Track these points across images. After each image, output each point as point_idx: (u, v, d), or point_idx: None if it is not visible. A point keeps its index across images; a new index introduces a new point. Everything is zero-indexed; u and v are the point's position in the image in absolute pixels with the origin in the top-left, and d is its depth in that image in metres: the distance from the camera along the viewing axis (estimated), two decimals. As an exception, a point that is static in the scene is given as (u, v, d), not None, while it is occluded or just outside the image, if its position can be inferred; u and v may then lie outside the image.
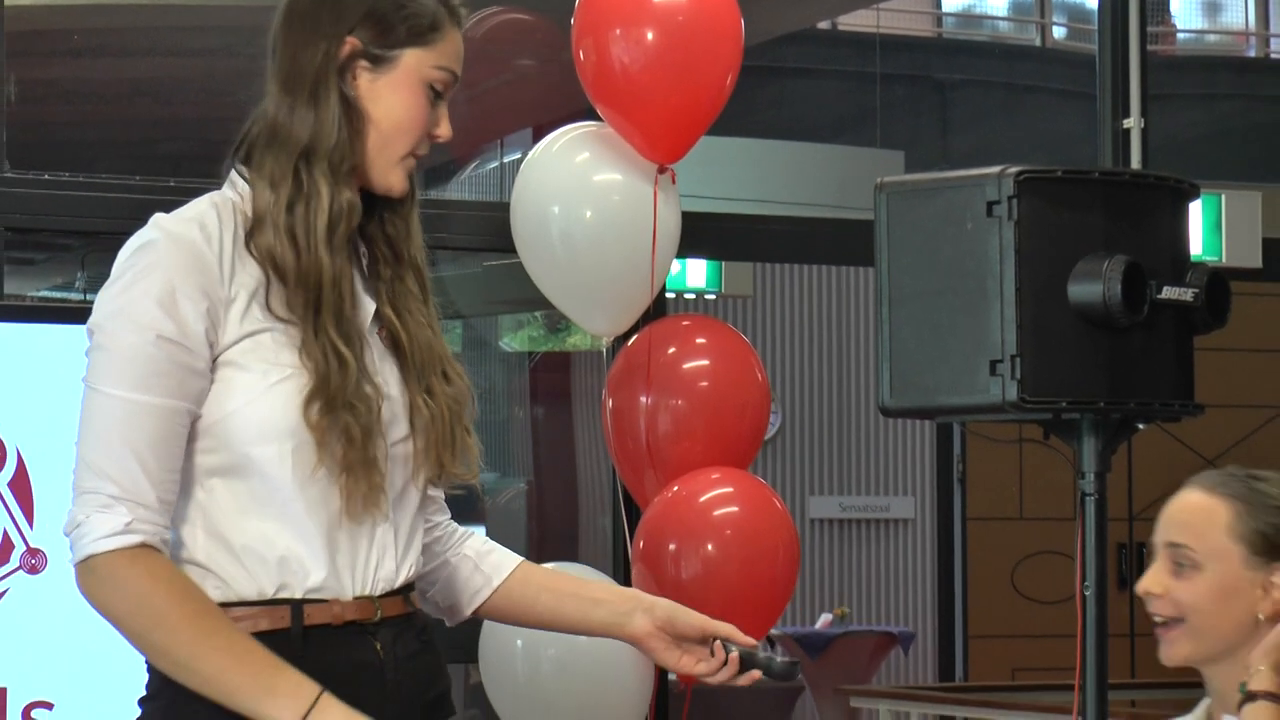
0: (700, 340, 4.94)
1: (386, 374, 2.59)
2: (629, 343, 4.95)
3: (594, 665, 4.73)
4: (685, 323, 5.11)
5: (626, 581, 4.91)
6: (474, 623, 4.96)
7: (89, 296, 11.01)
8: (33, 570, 4.27)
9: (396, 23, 2.57)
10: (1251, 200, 7.12)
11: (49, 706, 4.26)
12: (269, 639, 2.47)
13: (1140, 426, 4.26)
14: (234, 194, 2.61)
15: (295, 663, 2.46)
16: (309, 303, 2.52)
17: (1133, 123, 5.86)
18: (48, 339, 4.38)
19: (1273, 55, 13.63)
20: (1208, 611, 2.74)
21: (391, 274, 2.64)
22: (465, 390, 2.65)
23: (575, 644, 4.74)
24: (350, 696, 2.44)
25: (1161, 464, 12.13)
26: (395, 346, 2.62)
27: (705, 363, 4.88)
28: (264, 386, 2.49)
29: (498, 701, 4.85)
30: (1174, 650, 2.76)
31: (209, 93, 8.87)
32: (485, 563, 2.81)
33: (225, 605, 2.49)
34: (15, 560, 4.27)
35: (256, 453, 2.49)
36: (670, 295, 6.38)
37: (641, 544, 4.81)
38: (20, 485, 4.27)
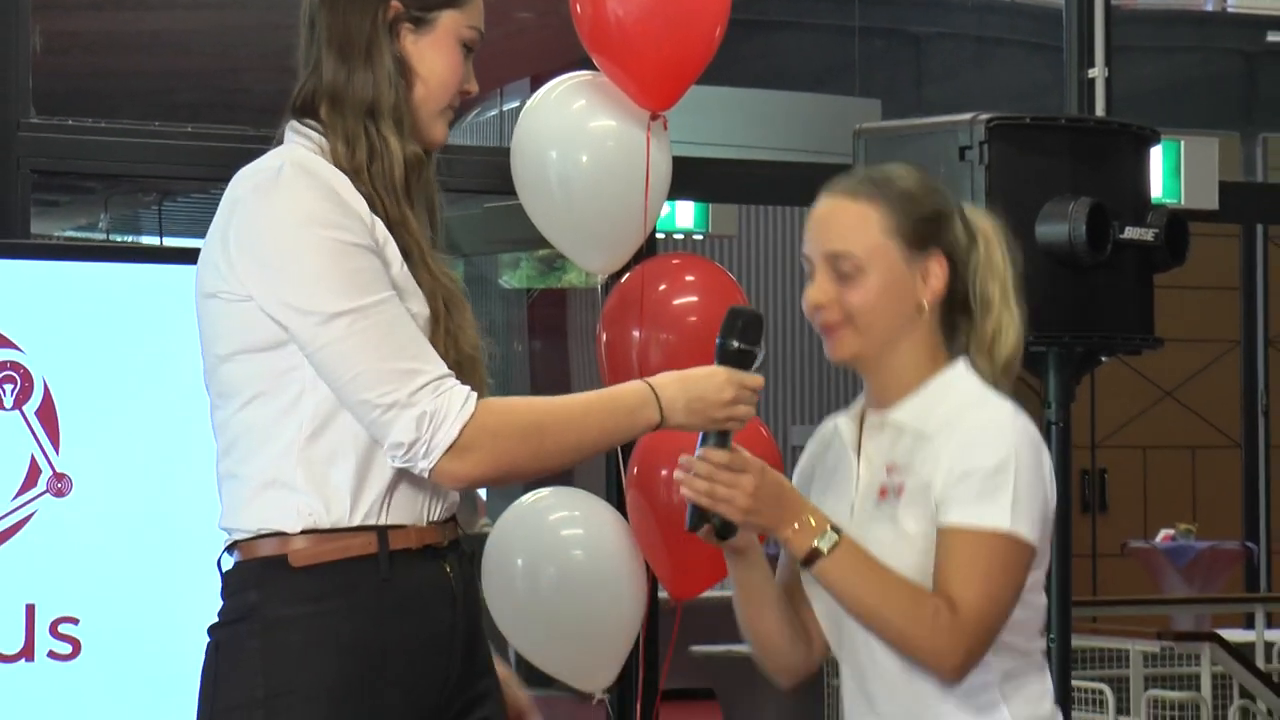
0: (689, 278, 4.93)
1: None
2: (622, 280, 4.94)
3: (591, 582, 4.73)
4: (675, 261, 5.09)
5: (621, 505, 4.92)
6: (476, 541, 4.97)
7: (111, 236, 10.98)
8: (59, 494, 4.27)
9: None
10: (1209, 146, 7.11)
11: (75, 621, 4.27)
12: (359, 563, 2.47)
13: (1103, 359, 4.27)
14: (311, 145, 2.60)
15: (381, 585, 2.48)
16: (407, 248, 2.55)
17: (1097, 73, 5.84)
18: (72, 276, 4.37)
19: (1229, 9, 13.58)
20: (876, 309, 2.71)
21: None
22: (479, 332, 2.66)
23: (574, 562, 4.75)
24: (430, 615, 2.49)
25: (1123, 394, 12.16)
26: None
27: (694, 299, 4.87)
28: None
29: (499, 617, 4.85)
30: (842, 347, 2.73)
31: (223, 44, 8.83)
32: None
33: (316, 531, 2.48)
34: (43, 484, 4.27)
35: None
36: (660, 235, 6.37)
37: (635, 470, 4.81)
38: (47, 413, 4.27)
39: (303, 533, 2.47)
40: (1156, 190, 6.49)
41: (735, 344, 2.63)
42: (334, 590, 2.46)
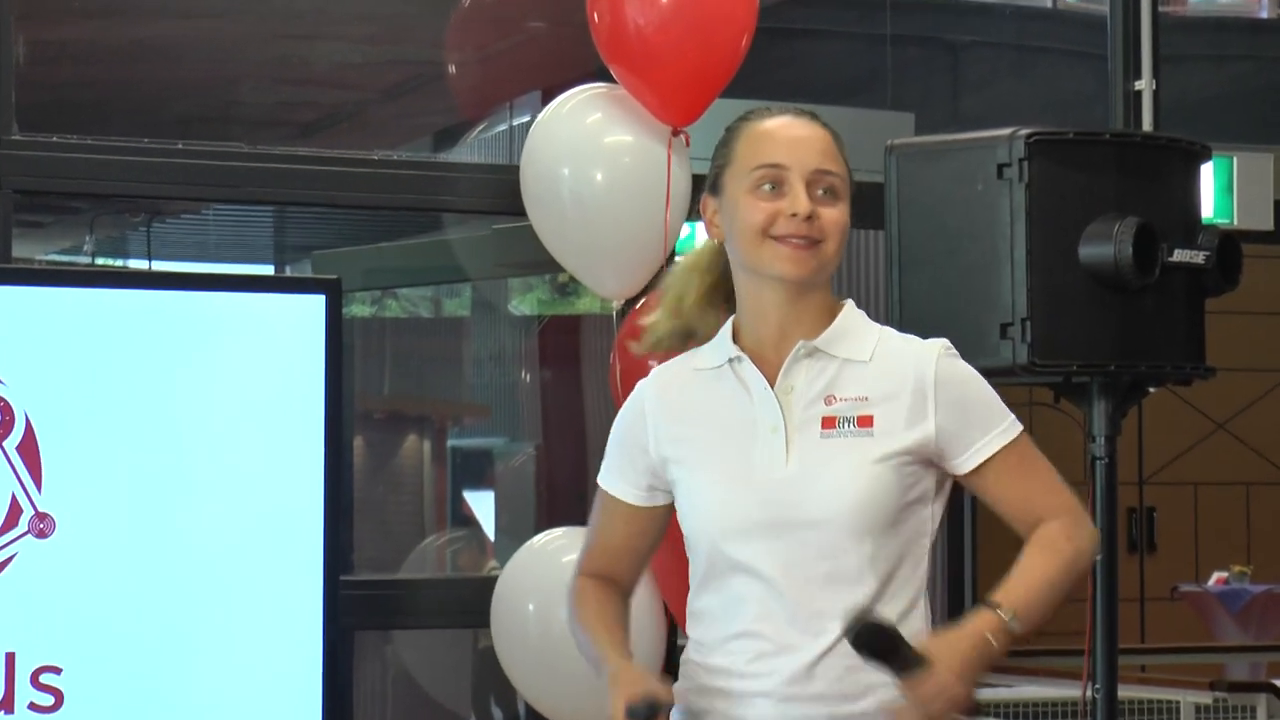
0: (709, 303, 4.93)
1: None
2: (638, 305, 4.94)
3: (603, 629, 4.73)
4: (694, 285, 5.09)
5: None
6: (485, 586, 4.97)
7: (97, 260, 11.01)
8: (41, 535, 4.27)
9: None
10: (1263, 162, 7.11)
11: (57, 671, 4.26)
12: None
13: (1151, 389, 4.26)
14: None
15: None
16: None
17: (1144, 84, 5.83)
18: (56, 302, 4.38)
19: (1285, 16, 13.56)
20: (841, 236, 2.89)
21: None
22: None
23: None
24: None
25: (1172, 427, 12.12)
26: None
27: (714, 325, 4.87)
28: None
29: (509, 665, 4.85)
30: (807, 264, 2.87)
31: (217, 55, 8.84)
32: None
33: None
34: (24, 525, 4.27)
35: None
36: (677, 258, 6.36)
37: (652, 508, 4.80)
38: (28, 449, 4.27)
39: None
40: (1208, 209, 6.48)
41: (904, 650, 2.71)
42: None
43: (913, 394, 2.84)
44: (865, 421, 2.83)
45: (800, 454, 2.82)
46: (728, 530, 2.84)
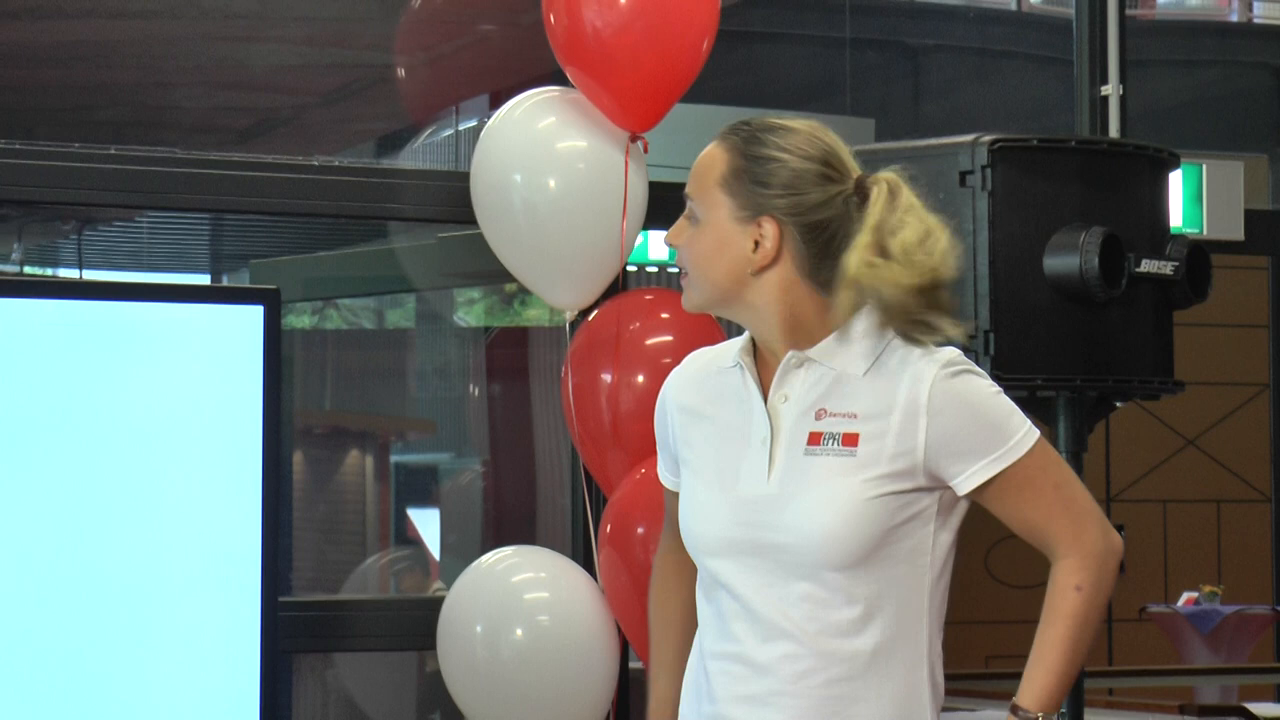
0: (664, 315, 4.93)
1: None
2: (590, 318, 4.94)
3: (558, 650, 4.73)
4: (648, 297, 5.10)
5: (590, 565, 4.91)
6: (431, 608, 4.97)
7: (25, 269, 10.98)
8: (-32, 554, 4.25)
9: None
10: (1233, 170, 7.14)
11: (-15, 696, 4.25)
12: None
13: (1118, 404, 4.28)
14: None
15: None
16: None
17: (1111, 90, 5.86)
18: (-17, 313, 4.36)
19: (1255, 20, 13.65)
20: (703, 263, 2.82)
21: None
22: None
23: (538, 629, 4.74)
24: None
25: (1140, 443, 12.17)
26: None
27: (669, 338, 4.87)
28: None
29: (457, 689, 4.84)
30: (684, 299, 2.87)
31: (150, 57, 8.82)
32: None
33: None
34: (-51, 544, 4.25)
35: None
36: (630, 268, 6.37)
37: (609, 528, 4.80)
38: (-46, 465, 4.25)
39: None
40: (1176, 219, 6.51)
41: None
42: None
43: (903, 413, 2.77)
44: (850, 440, 2.77)
45: (782, 471, 2.80)
46: (706, 546, 2.84)
